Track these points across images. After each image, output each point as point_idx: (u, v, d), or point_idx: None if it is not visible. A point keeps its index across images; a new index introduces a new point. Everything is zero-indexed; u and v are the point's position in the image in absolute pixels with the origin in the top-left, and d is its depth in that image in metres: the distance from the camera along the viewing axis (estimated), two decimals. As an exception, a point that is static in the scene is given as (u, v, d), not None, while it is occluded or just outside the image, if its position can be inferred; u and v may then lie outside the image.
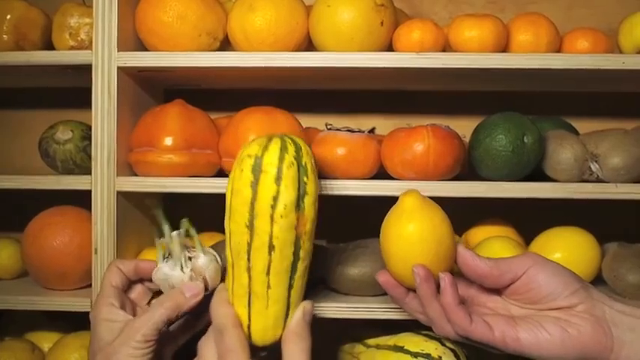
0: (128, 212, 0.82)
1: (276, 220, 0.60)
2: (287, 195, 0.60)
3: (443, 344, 0.71)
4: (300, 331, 0.62)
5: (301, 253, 0.62)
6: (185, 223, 0.68)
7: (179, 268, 0.68)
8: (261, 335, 0.63)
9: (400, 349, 0.73)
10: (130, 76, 0.82)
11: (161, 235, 0.69)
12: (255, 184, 0.60)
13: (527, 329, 0.59)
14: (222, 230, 0.65)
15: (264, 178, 0.60)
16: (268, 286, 0.62)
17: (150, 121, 0.79)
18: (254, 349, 0.63)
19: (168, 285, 0.68)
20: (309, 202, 0.61)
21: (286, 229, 0.60)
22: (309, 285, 0.79)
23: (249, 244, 0.61)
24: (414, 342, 0.73)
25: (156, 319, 0.63)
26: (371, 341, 0.80)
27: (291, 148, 0.61)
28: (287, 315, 0.63)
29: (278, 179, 0.60)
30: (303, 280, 0.64)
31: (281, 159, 0.60)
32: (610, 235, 0.85)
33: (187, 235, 0.69)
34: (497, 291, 0.66)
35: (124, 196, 0.79)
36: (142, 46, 0.83)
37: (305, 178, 0.61)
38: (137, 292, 0.72)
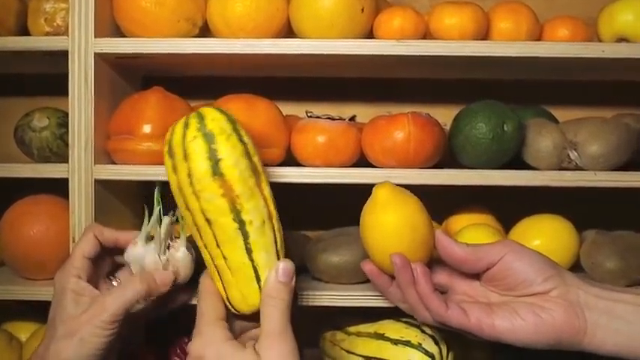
0: (106, 201, 0.80)
1: (199, 195, 0.60)
2: (197, 168, 0.60)
3: (423, 331, 0.71)
4: (273, 291, 0.61)
5: (244, 216, 0.61)
6: (178, 211, 0.67)
7: (157, 253, 0.67)
8: (244, 303, 0.63)
9: (381, 337, 0.74)
10: (107, 62, 0.80)
11: (151, 214, 0.69)
12: (174, 168, 0.61)
13: (502, 316, 0.60)
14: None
15: (177, 160, 0.61)
16: (224, 257, 0.62)
17: (128, 109, 0.78)
18: (252, 318, 0.65)
19: (140, 266, 0.67)
20: (227, 166, 0.60)
21: (213, 199, 0.60)
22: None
23: (196, 225, 0.62)
24: (394, 329, 0.73)
25: (126, 299, 0.62)
26: (352, 329, 0.80)
27: (193, 122, 0.61)
28: (259, 278, 0.63)
29: (186, 156, 0.60)
30: (265, 239, 0.63)
31: (184, 135, 0.60)
32: (588, 223, 0.86)
33: (177, 223, 0.69)
34: (477, 278, 0.66)
35: (101, 185, 0.78)
36: (119, 33, 0.82)
37: (213, 145, 0.60)
38: (103, 263, 0.70)
